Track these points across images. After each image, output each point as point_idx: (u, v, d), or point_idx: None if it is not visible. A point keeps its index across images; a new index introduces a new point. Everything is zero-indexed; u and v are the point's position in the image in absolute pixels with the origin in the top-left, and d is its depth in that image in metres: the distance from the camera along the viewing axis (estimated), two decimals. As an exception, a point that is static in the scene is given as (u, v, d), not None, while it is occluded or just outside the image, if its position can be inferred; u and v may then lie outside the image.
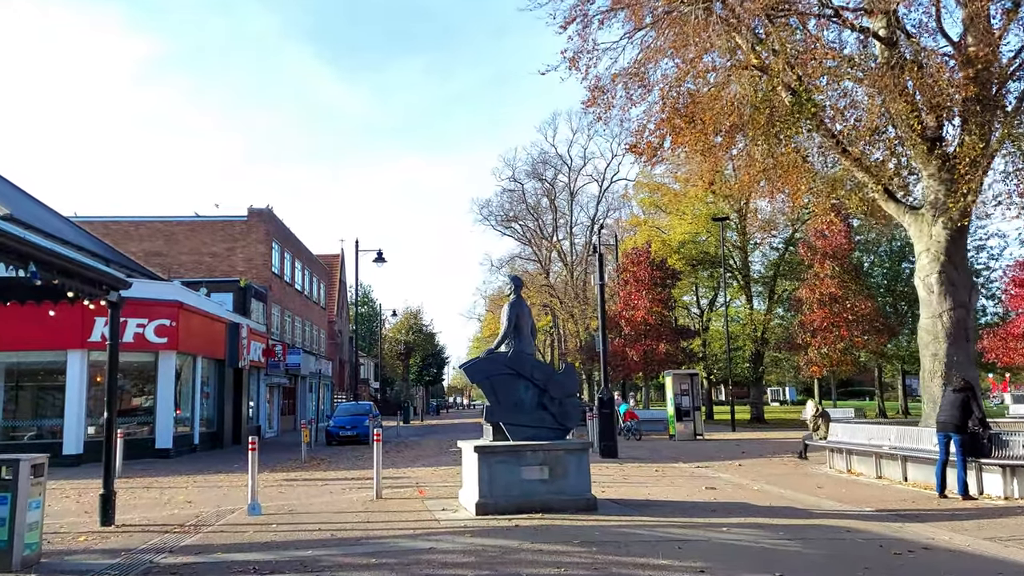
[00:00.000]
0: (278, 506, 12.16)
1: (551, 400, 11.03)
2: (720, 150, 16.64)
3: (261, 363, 33.20)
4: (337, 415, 30.87)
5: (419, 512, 10.98)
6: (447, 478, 15.91)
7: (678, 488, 13.38)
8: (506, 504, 10.41)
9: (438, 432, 37.45)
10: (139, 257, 35.27)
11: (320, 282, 52.11)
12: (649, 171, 48.20)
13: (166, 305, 23.41)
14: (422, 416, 60.04)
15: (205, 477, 17.61)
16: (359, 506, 11.86)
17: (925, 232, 15.49)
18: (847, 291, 32.68)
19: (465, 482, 11.69)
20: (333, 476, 17.17)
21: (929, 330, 15.31)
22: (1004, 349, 29.00)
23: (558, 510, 10.42)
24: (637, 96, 17.07)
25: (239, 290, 33.42)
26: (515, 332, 11.32)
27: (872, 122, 14.92)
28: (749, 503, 11.46)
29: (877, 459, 14.20)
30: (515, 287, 11.62)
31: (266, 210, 37.92)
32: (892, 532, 9.08)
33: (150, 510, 12.22)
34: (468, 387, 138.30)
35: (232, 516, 11.27)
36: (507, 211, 59.19)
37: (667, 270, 37.08)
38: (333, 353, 56.49)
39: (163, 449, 23.06)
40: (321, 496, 13.40)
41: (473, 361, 11.45)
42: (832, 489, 13.01)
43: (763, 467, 17.13)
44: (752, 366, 40.05)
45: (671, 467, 17.62)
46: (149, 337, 22.98)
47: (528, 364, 11.18)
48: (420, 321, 65.20)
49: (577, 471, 10.74)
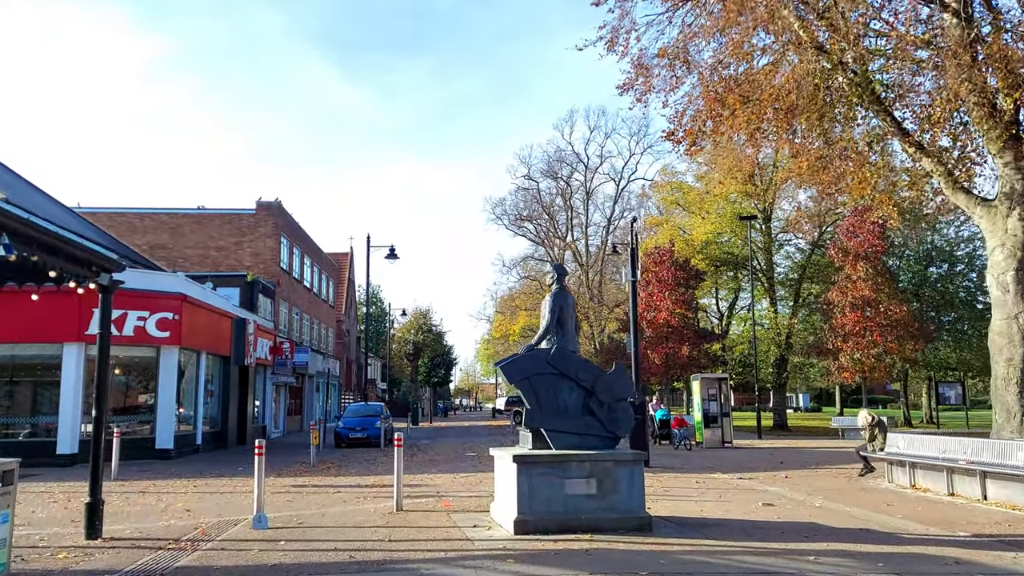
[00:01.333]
0: (287, 517, 10.85)
1: (599, 404, 9.68)
2: (771, 135, 15.28)
3: (268, 361, 31.94)
4: (346, 416, 29.49)
5: (448, 529, 9.64)
6: (470, 487, 14.58)
7: (731, 504, 12.01)
8: (548, 522, 9.08)
9: (449, 435, 36.12)
10: (143, 250, 34.06)
11: (329, 279, 50.85)
12: (672, 169, 46.96)
13: (169, 297, 22.15)
14: (430, 418, 58.71)
15: (207, 481, 16.32)
16: (378, 519, 10.53)
17: (999, 226, 14.11)
18: (880, 294, 31.21)
19: (498, 495, 10.36)
20: (345, 482, 15.86)
21: (1003, 333, 13.93)
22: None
23: (608, 530, 9.08)
24: (681, 73, 15.75)
25: (246, 285, 32.18)
26: (558, 327, 9.99)
27: (946, 106, 13.54)
28: (819, 523, 10.09)
29: (949, 474, 12.80)
30: (558, 276, 10.27)
31: (275, 203, 36.69)
32: (1008, 565, 7.71)
33: (144, 519, 10.93)
34: (476, 389, 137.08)
35: (235, 529, 9.97)
36: (521, 210, 57.86)
37: (690, 270, 35.65)
38: (340, 352, 55.24)
39: (164, 450, 21.78)
40: (334, 506, 12.09)
41: (511, 359, 10.09)
42: (904, 508, 11.63)
43: (812, 480, 15.74)
44: (776, 371, 38.59)
45: (710, 478, 16.26)
46: (150, 331, 21.72)
47: (573, 363, 9.84)
48: (430, 321, 63.88)
49: (629, 486, 9.39)
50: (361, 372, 62.18)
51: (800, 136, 14.66)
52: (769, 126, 14.46)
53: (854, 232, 32.56)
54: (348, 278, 61.10)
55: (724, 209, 38.71)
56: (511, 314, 61.91)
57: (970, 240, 42.47)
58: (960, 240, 42.83)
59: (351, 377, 61.55)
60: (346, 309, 59.46)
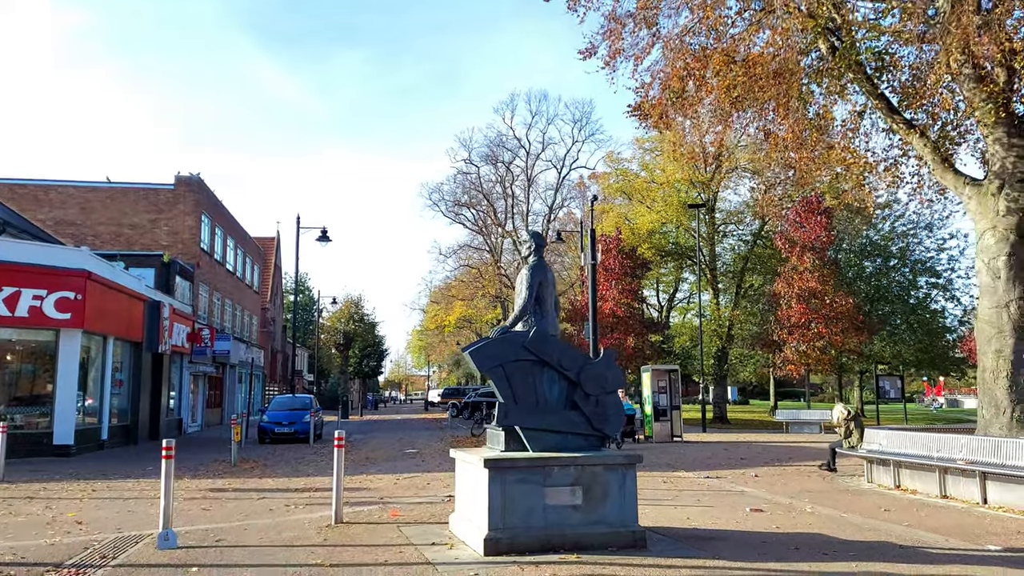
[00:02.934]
0: (201, 533, 8.99)
1: (584, 398, 8.16)
2: (750, 103, 14.02)
3: (185, 348, 29.40)
4: (272, 409, 27.22)
5: (401, 549, 7.98)
6: (416, 490, 12.93)
7: (716, 510, 10.70)
8: (526, 539, 7.53)
9: (383, 428, 34.20)
10: (48, 226, 30.97)
11: (254, 264, 47.99)
12: (617, 155, 45.94)
13: (71, 275, 19.67)
14: (360, 411, 56.45)
15: (109, 484, 14.18)
16: (314, 535, 8.78)
17: (990, 207, 13.21)
18: (826, 286, 30.77)
19: (460, 505, 8.74)
20: (271, 485, 13.97)
21: (993, 322, 13.05)
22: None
23: (597, 547, 7.60)
24: (651, 38, 14.37)
25: (162, 265, 29.52)
26: (537, 305, 8.42)
27: (937, 76, 12.53)
28: (827, 535, 8.84)
29: (942, 475, 11.80)
30: (535, 245, 8.66)
31: (195, 178, 33.90)
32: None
33: (23, 535, 8.92)
34: (406, 381, 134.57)
35: (135, 550, 8.09)
36: (459, 197, 56.03)
37: (637, 259, 34.60)
38: (265, 342, 52.39)
39: (63, 446, 19.34)
40: (259, 516, 10.25)
41: (481, 343, 8.41)
42: (904, 514, 10.53)
43: (784, 479, 14.64)
44: (717, 363, 38.00)
45: (676, 476, 15.02)
46: (48, 312, 19.22)
47: (555, 348, 8.28)
48: (362, 310, 61.39)
49: (620, 494, 7.91)
50: (288, 363, 59.40)
51: (780, 107, 13.42)
52: (751, 92, 13.16)
53: (800, 223, 32.07)
54: (275, 264, 58.16)
55: (671, 197, 37.81)
56: (446, 304, 60.12)
57: (903, 236, 42.89)
58: (894, 235, 43.22)
59: (276, 368, 58.67)
60: (272, 297, 56.54)
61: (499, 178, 55.45)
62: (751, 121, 15.69)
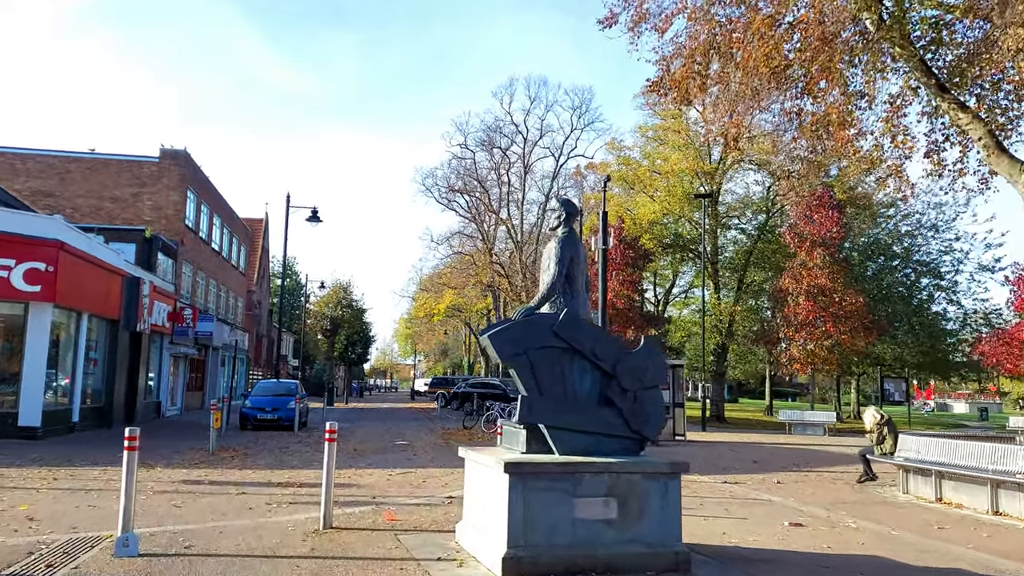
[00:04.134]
0: (169, 537, 7.75)
1: (621, 393, 6.97)
2: (798, 73, 12.83)
3: (166, 328, 28.01)
4: (255, 394, 25.80)
5: (401, 564, 6.78)
6: (412, 489, 11.73)
7: (750, 522, 9.57)
8: (551, 560, 6.35)
9: (370, 417, 32.95)
10: (25, 196, 29.43)
11: (241, 245, 46.49)
12: (620, 142, 44.71)
13: (42, 244, 18.29)
14: (346, 398, 55.16)
15: (74, 471, 12.91)
16: (299, 543, 7.57)
17: (1048, 197, 12.08)
18: (836, 283, 29.73)
19: (471, 513, 7.54)
20: (252, 477, 12.72)
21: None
22: (1008, 355, 26.38)
23: (632, 570, 6.43)
24: (672, 6, 13.18)
25: (144, 241, 28.06)
26: (567, 284, 7.22)
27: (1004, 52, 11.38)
28: (887, 558, 7.73)
29: (994, 489, 10.72)
30: (567, 214, 7.44)
31: (181, 152, 32.41)
32: None
33: (-41, 536, 7.66)
34: (392, 369, 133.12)
35: (88, 556, 6.87)
36: (453, 182, 54.62)
37: (639, 250, 33.44)
38: (250, 325, 50.92)
39: (28, 428, 18.02)
40: (237, 516, 9.02)
41: (502, 326, 7.17)
42: (961, 532, 9.43)
43: (810, 487, 13.53)
44: (716, 360, 36.94)
45: (693, 481, 13.86)
46: (16, 283, 17.86)
47: (588, 334, 7.08)
48: (350, 295, 59.97)
49: (661, 508, 6.76)
50: (273, 347, 57.95)
51: (827, 76, 12.23)
52: (799, 59, 11.96)
53: (810, 217, 31.00)
54: (262, 247, 56.65)
55: (675, 187, 36.62)
56: (437, 292, 58.83)
57: (908, 235, 42.00)
58: (899, 235, 42.32)
59: (261, 352, 57.21)
60: (258, 279, 55.04)
61: (495, 164, 54.11)
62: (782, 100, 14.49)
